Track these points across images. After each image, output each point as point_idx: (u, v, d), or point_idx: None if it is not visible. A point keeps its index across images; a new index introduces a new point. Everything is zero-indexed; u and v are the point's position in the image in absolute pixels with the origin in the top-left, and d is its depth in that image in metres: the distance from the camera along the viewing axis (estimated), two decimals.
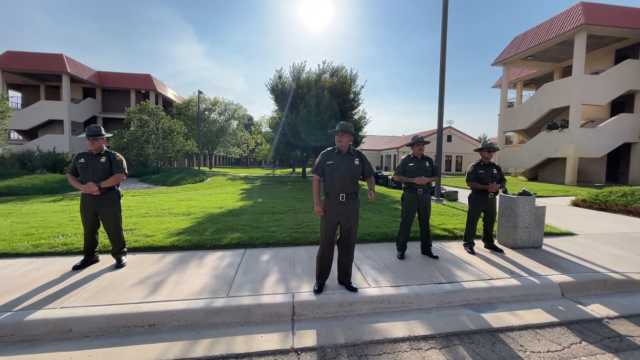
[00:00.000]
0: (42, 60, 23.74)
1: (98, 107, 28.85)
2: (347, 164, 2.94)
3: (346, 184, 2.91)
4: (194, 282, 3.14)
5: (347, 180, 2.92)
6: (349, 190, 2.93)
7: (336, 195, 2.92)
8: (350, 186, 2.93)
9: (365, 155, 3.09)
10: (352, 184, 2.95)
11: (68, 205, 8.10)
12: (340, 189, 2.91)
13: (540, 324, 2.65)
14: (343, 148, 2.98)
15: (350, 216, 2.95)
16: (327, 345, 2.31)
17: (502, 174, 4.28)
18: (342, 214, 2.94)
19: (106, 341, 2.34)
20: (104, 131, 3.61)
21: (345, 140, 2.95)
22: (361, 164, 3.00)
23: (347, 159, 2.96)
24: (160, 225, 5.40)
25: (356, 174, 2.97)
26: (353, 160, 2.97)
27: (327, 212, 2.94)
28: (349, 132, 2.95)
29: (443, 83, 9.01)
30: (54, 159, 17.27)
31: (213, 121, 35.99)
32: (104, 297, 2.80)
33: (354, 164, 2.96)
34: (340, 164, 2.93)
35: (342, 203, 2.92)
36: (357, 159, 2.99)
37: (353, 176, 2.95)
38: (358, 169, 2.98)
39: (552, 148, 17.23)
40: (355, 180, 2.99)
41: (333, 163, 2.94)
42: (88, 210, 3.46)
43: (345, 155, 2.98)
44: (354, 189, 2.96)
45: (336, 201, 2.92)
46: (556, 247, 4.49)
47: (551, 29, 17.19)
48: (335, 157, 2.97)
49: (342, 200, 2.91)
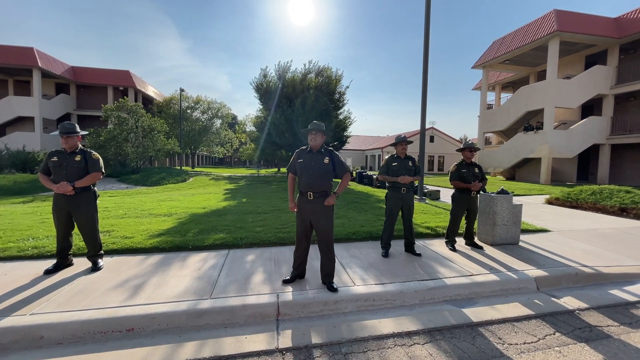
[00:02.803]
0: (11, 53, 22.38)
1: (72, 104, 27.54)
2: (316, 162, 2.97)
3: (314, 183, 2.93)
4: (175, 284, 3.06)
5: (315, 179, 2.94)
6: (317, 188, 2.94)
7: (305, 194, 2.96)
8: (318, 185, 2.94)
9: (337, 155, 3.08)
10: (321, 182, 2.95)
11: (39, 207, 7.69)
12: (308, 187, 2.95)
13: (517, 317, 2.75)
14: (315, 147, 3.02)
15: (320, 215, 2.96)
16: (313, 345, 2.30)
17: (484, 173, 4.43)
18: (312, 212, 2.97)
19: (81, 348, 2.24)
20: (79, 128, 3.44)
21: (318, 139, 2.99)
22: (331, 163, 3.00)
23: (316, 157, 2.99)
24: (139, 226, 5.22)
25: (325, 172, 2.97)
26: (322, 159, 2.98)
27: (298, 209, 3.04)
28: (322, 132, 2.98)
29: (426, 85, 9.21)
30: (23, 157, 16.38)
31: (196, 120, 35.14)
32: (79, 302, 2.67)
33: (323, 162, 2.97)
34: (309, 163, 2.98)
35: (311, 201, 2.95)
36: (326, 157, 3.00)
37: (321, 174, 2.95)
38: (327, 167, 2.98)
39: (528, 149, 17.97)
40: (325, 179, 2.97)
41: (303, 161, 3.00)
42: (61, 212, 3.29)
43: (315, 153, 3.02)
44: (323, 188, 2.96)
45: (305, 199, 2.98)
46: (532, 243, 4.68)
47: (527, 35, 17.93)
48: (306, 156, 3.02)
49: (310, 198, 2.95)
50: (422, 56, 9.18)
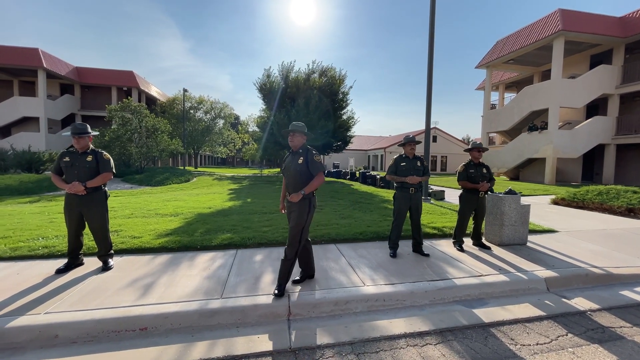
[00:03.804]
0: (16, 54, 22.56)
1: (77, 104, 27.72)
2: (293, 162, 2.98)
3: (292, 183, 2.96)
4: (186, 283, 3.07)
5: (292, 179, 2.96)
6: (294, 189, 2.95)
7: (288, 194, 3.01)
8: (294, 186, 2.94)
9: (313, 154, 2.97)
10: (297, 183, 2.92)
11: (46, 207, 7.75)
12: (287, 187, 3.04)
13: (528, 318, 2.74)
14: (294, 148, 3.04)
15: (291, 213, 2.98)
16: (325, 345, 2.31)
17: (492, 173, 4.42)
18: (289, 211, 3.02)
19: (95, 347, 2.25)
20: (90, 129, 3.47)
21: (296, 140, 2.99)
22: (304, 163, 2.94)
23: (294, 158, 3.01)
24: (147, 226, 5.25)
25: (298, 172, 2.93)
26: (298, 159, 2.97)
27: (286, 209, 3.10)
28: (300, 132, 2.97)
29: (430, 85, 9.19)
30: (29, 158, 16.49)
31: (199, 120, 35.27)
32: (91, 301, 2.69)
33: (298, 162, 2.95)
34: (289, 164, 3.01)
35: (288, 200, 2.99)
36: (301, 157, 2.96)
37: (295, 175, 2.94)
38: (301, 167, 2.93)
39: (532, 149, 17.89)
40: (301, 180, 2.92)
41: (285, 162, 3.08)
42: (73, 211, 3.32)
43: (294, 154, 3.03)
44: (298, 188, 2.92)
45: (287, 201, 3.03)
46: (540, 244, 4.67)
47: (531, 34, 17.85)
48: (288, 157, 3.08)
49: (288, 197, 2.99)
50: (427, 55, 9.16)
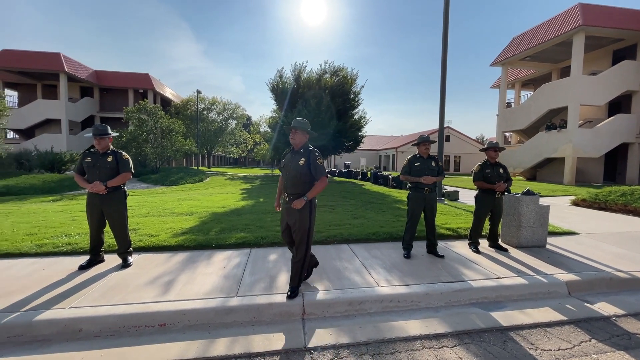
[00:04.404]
0: (39, 59, 23.55)
1: (96, 106, 28.67)
2: (293, 163, 2.79)
3: (289, 184, 2.81)
4: (202, 281, 3.13)
5: (290, 180, 2.80)
6: (292, 190, 2.80)
7: (284, 195, 2.88)
8: (293, 186, 2.79)
9: (316, 156, 2.80)
10: (295, 184, 2.78)
11: (68, 205, 8.04)
12: (285, 187, 2.87)
13: (549, 322, 2.66)
14: (295, 146, 2.87)
15: (293, 217, 2.81)
16: (340, 344, 2.31)
17: (509, 174, 4.31)
18: (287, 214, 2.86)
19: (117, 341, 2.33)
20: (110, 130, 3.59)
21: (297, 137, 2.81)
22: (306, 165, 2.75)
23: (294, 157, 2.81)
24: (163, 225, 5.38)
25: (299, 174, 2.76)
26: (299, 160, 2.77)
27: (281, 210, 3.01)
28: (302, 130, 2.79)
29: (444, 83, 9.04)
30: (51, 158, 17.14)
31: (211, 121, 35.86)
32: (113, 297, 2.78)
33: (299, 163, 2.76)
34: (289, 163, 2.83)
35: (287, 202, 2.85)
36: (303, 158, 2.77)
37: (295, 176, 2.77)
38: (302, 169, 2.74)
39: (550, 148, 17.34)
40: (300, 181, 2.77)
41: (284, 161, 2.89)
42: (94, 210, 3.44)
43: (295, 153, 2.84)
44: (297, 190, 2.78)
45: (284, 200, 2.88)
46: (560, 246, 4.52)
47: (549, 30, 17.31)
48: (287, 156, 2.90)
49: (287, 200, 2.85)
50: (441, 54, 9.02)
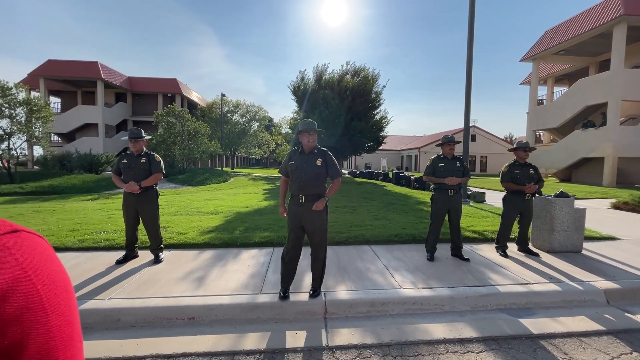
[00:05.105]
0: (79, 68, 25.35)
1: (128, 111, 30.40)
2: (309, 164, 2.80)
3: (306, 185, 2.78)
4: (228, 278, 3.26)
5: (310, 181, 2.78)
6: (309, 191, 2.79)
7: (297, 197, 2.82)
8: (310, 187, 2.79)
9: (331, 156, 2.89)
10: (313, 185, 2.79)
11: (105, 204, 8.60)
12: (299, 189, 2.80)
13: (584, 332, 2.52)
14: (309, 148, 2.85)
15: (312, 218, 2.80)
16: (362, 344, 2.32)
17: (540, 175, 4.11)
18: (303, 216, 2.81)
19: (151, 331, 2.48)
20: (144, 133, 3.82)
21: (313, 139, 2.84)
22: (324, 165, 2.82)
23: (309, 159, 2.83)
24: (191, 223, 5.62)
25: (318, 175, 2.80)
26: (315, 160, 2.81)
27: (289, 213, 2.88)
28: (315, 131, 2.84)
29: (470, 80, 8.75)
30: (90, 160, 18.39)
31: (235, 123, 36.83)
32: (147, 290, 2.96)
33: (316, 164, 2.80)
34: (301, 164, 2.81)
35: (302, 204, 2.81)
36: (319, 159, 2.82)
37: (313, 177, 2.79)
38: (320, 169, 2.80)
39: (587, 147, 16.25)
40: (318, 182, 2.81)
41: (294, 163, 2.84)
42: (130, 208, 3.67)
43: (308, 155, 2.85)
44: (315, 191, 2.80)
45: (297, 202, 2.83)
46: (598, 252, 4.25)
47: (586, 22, 16.23)
48: (298, 157, 2.85)
49: (302, 202, 2.80)
50: (466, 50, 8.74)
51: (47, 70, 25.06)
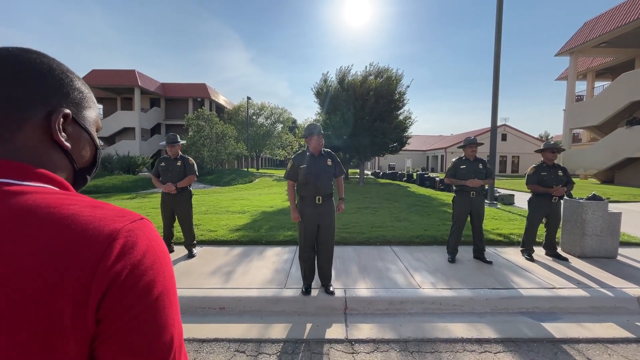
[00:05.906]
0: (119, 76, 27.32)
1: (162, 115, 32.23)
2: (322, 165, 2.96)
3: (322, 186, 2.92)
4: (255, 273, 3.49)
5: (324, 183, 2.93)
6: (324, 192, 2.94)
7: (312, 198, 2.93)
8: (326, 188, 2.95)
9: (335, 155, 3.10)
10: (328, 185, 2.97)
11: (142, 202, 9.29)
12: (315, 191, 2.92)
13: (612, 339, 2.46)
14: (318, 150, 2.99)
15: (328, 218, 2.98)
16: (380, 339, 2.44)
17: (569, 176, 3.97)
18: (320, 215, 2.96)
19: (186, 318, 2.74)
20: (179, 138, 4.16)
21: (322, 141, 2.99)
22: (333, 164, 3.02)
23: (320, 160, 2.98)
24: (220, 221, 5.98)
25: (330, 175, 3.00)
26: (326, 161, 2.99)
27: (304, 216, 2.96)
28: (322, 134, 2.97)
29: (497, 77, 8.48)
30: (128, 162, 19.75)
31: (260, 125, 37.81)
32: (182, 282, 3.26)
33: (327, 165, 2.98)
34: (315, 167, 2.93)
35: (319, 205, 2.93)
36: (329, 159, 3.01)
37: (328, 177, 2.97)
38: (331, 169, 3.00)
39: (633, 146, 15.02)
40: (330, 182, 3.01)
41: (307, 166, 2.93)
42: (167, 207, 4.03)
43: (318, 157, 2.99)
44: (329, 191, 2.98)
45: (313, 204, 2.93)
46: (635, 259, 4.03)
47: (632, 10, 15.04)
48: (309, 160, 2.96)
49: (319, 202, 2.93)
50: (494, 43, 8.48)
51: (91, 79, 27.23)
